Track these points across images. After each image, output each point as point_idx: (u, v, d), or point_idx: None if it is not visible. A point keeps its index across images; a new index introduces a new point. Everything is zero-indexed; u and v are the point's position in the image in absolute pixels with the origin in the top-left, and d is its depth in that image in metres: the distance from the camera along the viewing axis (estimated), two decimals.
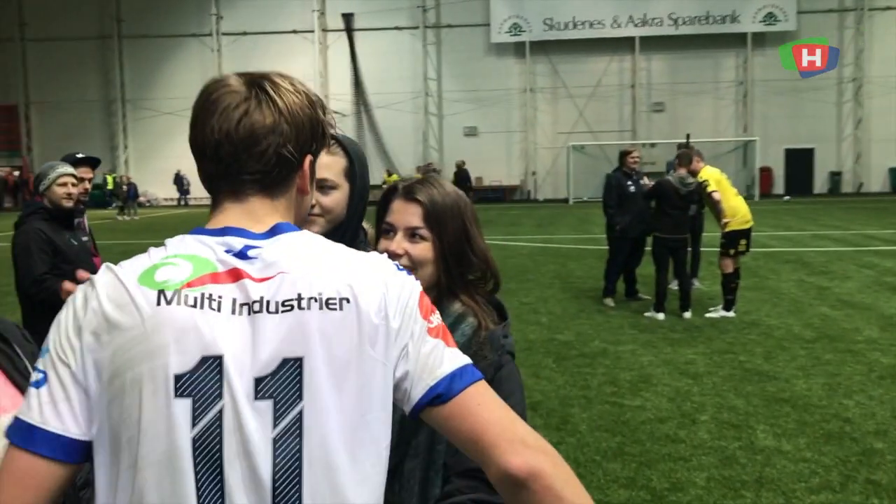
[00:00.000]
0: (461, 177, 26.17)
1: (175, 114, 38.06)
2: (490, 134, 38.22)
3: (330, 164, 1.97)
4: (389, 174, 32.28)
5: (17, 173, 38.99)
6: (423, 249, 1.75)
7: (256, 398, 1.13)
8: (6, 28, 39.89)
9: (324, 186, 1.96)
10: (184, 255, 1.20)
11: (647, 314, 9.55)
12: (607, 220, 10.48)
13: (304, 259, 1.21)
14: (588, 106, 37.53)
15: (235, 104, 1.25)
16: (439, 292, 1.80)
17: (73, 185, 4.78)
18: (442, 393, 1.21)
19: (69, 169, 4.80)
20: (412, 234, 1.78)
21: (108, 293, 1.16)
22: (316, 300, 1.17)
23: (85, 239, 4.94)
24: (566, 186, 36.03)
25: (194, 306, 1.14)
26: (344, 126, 27.84)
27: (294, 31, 38.97)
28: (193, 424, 1.11)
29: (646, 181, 10.16)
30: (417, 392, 1.22)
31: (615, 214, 10.24)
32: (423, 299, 1.29)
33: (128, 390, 1.12)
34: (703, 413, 5.98)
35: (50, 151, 40.72)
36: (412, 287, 1.28)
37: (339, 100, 38.69)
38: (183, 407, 1.11)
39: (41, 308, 4.50)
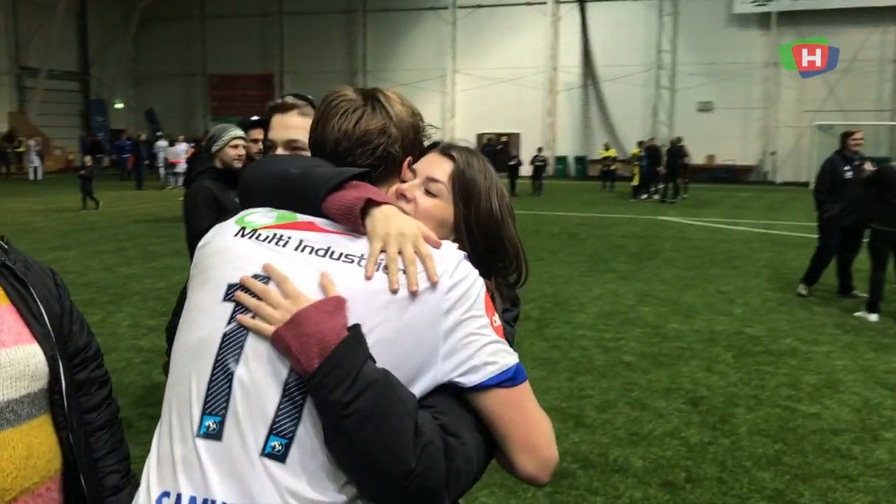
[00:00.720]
0: (673, 153, 24.93)
1: (410, 85, 39.66)
2: (726, 110, 36.08)
3: (302, 126, 2.10)
4: (607, 148, 31.46)
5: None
6: (433, 206, 1.59)
7: None
8: (267, 3, 43.50)
9: (295, 147, 2.11)
10: (271, 210, 1.44)
11: (857, 313, 8.63)
12: (816, 206, 9.64)
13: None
14: (840, 82, 34.19)
15: (353, 108, 1.53)
16: None
17: (244, 146, 5.12)
18: (507, 379, 1.36)
19: (239, 132, 5.14)
20: (430, 185, 1.66)
21: (219, 224, 1.47)
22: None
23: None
24: (808, 169, 33.21)
25: (262, 241, 1.37)
26: (571, 99, 27.79)
27: (528, 3, 38.97)
28: (228, 323, 1.31)
29: (868, 166, 9.10)
30: (486, 371, 1.37)
31: (825, 200, 9.36)
32: (487, 296, 1.39)
33: (199, 285, 1.39)
34: (889, 430, 5.31)
35: None
36: (476, 281, 1.39)
37: (567, 72, 38.31)
38: (226, 308, 1.32)
39: None
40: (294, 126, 2.23)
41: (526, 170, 28.87)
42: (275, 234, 1.38)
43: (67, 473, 1.75)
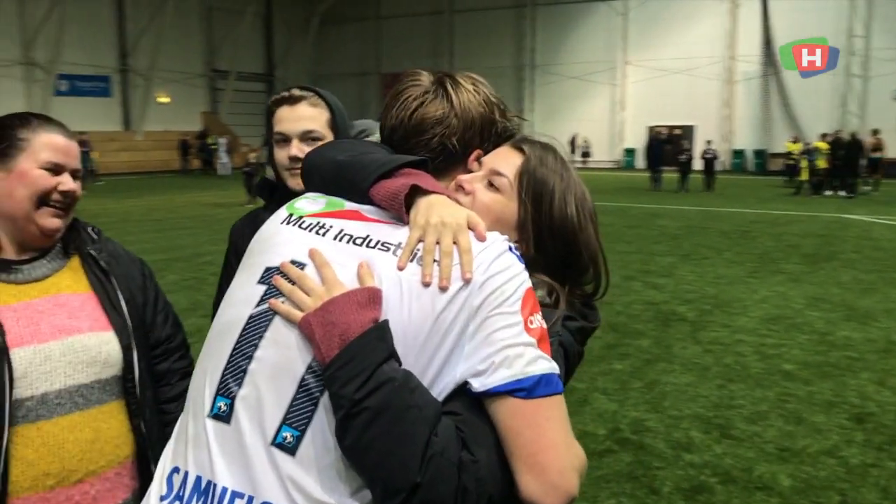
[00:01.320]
0: (851, 145, 22.96)
1: (580, 78, 39.15)
2: None
3: (315, 116, 2.10)
4: (795, 141, 29.48)
5: None
6: (492, 200, 1.44)
7: None
8: (439, 1, 44.34)
9: (311, 138, 2.08)
10: (325, 197, 1.40)
11: None
12: None
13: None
14: None
15: (415, 96, 1.46)
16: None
17: None
18: (517, 389, 1.20)
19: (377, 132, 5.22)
20: (494, 179, 1.49)
21: (272, 218, 1.44)
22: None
23: None
24: None
25: (305, 229, 1.34)
26: (749, 89, 26.29)
27: None
28: (257, 305, 1.28)
29: None
30: (500, 375, 1.22)
31: None
32: (528, 296, 1.27)
33: (242, 268, 1.39)
34: None
35: None
36: (516, 276, 1.27)
37: (745, 61, 36.35)
38: (258, 290, 1.30)
39: None
40: (307, 116, 2.13)
41: (698, 164, 27.68)
42: (318, 223, 1.34)
43: (141, 460, 1.82)
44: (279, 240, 1.35)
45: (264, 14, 45.25)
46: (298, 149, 2.11)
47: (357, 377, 1.13)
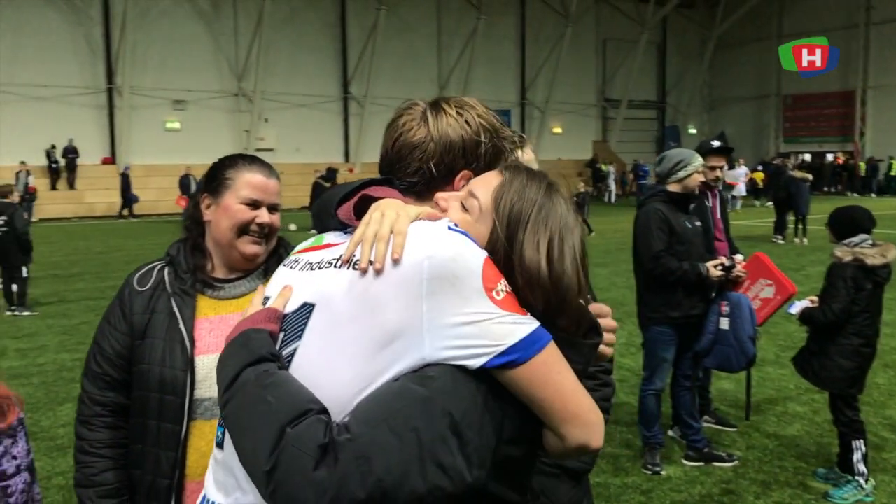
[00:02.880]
0: None
1: None
2: None
3: (529, 159, 2.26)
4: None
5: (841, 158, 39.41)
6: (461, 220, 1.36)
7: (280, 329, 1.39)
8: (852, 14, 40.37)
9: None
10: (319, 235, 1.51)
11: None
12: None
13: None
14: None
15: (403, 123, 1.52)
16: None
17: (702, 174, 5.04)
18: (513, 358, 1.22)
19: (701, 161, 5.04)
20: (466, 200, 1.41)
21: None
22: (348, 262, 1.31)
23: (698, 224, 5.11)
24: None
25: (286, 266, 1.47)
26: None
27: None
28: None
29: None
30: (481, 355, 1.22)
31: None
32: (486, 268, 1.24)
33: None
34: None
35: (881, 136, 39.92)
36: (467, 257, 1.25)
37: None
38: (277, 338, 1.37)
39: (655, 283, 4.95)
40: (525, 160, 2.31)
41: None
42: (295, 259, 1.46)
43: None
44: (274, 283, 1.47)
45: (658, 42, 45.31)
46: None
47: (222, 383, 1.29)
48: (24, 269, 10.83)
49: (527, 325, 1.23)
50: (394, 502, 1.13)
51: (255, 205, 2.08)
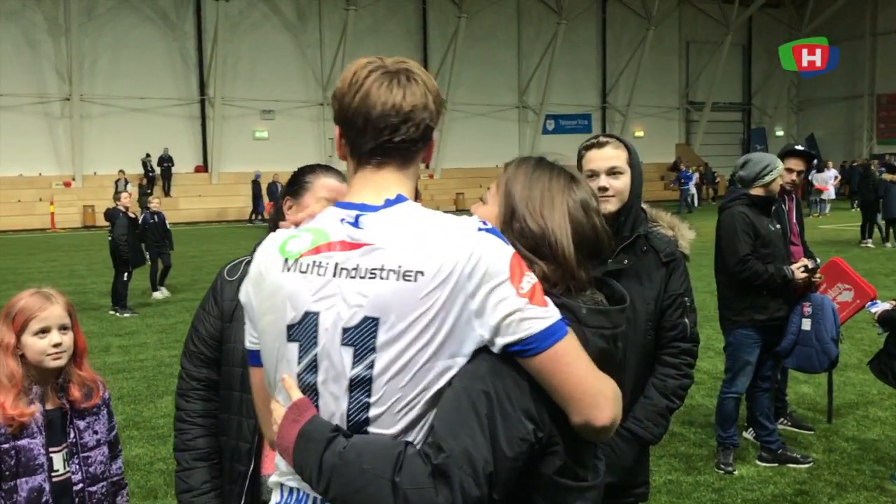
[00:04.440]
0: None
1: None
2: None
3: (617, 155, 2.61)
4: None
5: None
6: (482, 211, 1.66)
7: (343, 343, 1.44)
8: None
9: (616, 172, 2.57)
10: (309, 229, 1.53)
11: None
12: None
13: (398, 233, 1.45)
14: None
15: (392, 80, 1.58)
16: None
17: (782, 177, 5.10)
18: (525, 350, 1.40)
19: (783, 165, 5.09)
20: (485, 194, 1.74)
21: (262, 258, 1.57)
22: (395, 272, 1.41)
23: (777, 227, 5.15)
24: None
25: (305, 272, 1.48)
26: None
27: None
28: (299, 361, 1.48)
29: None
30: (506, 344, 1.41)
31: None
32: (514, 264, 1.42)
33: (266, 331, 1.54)
34: None
35: None
36: (496, 254, 1.42)
37: None
38: (293, 348, 1.48)
39: (740, 286, 5.00)
40: (612, 157, 2.65)
41: None
42: (313, 261, 1.48)
43: None
44: (286, 292, 1.48)
45: (744, 43, 44.33)
46: (606, 181, 2.66)
47: (311, 479, 1.40)
48: (125, 274, 11.51)
49: (544, 319, 1.41)
50: (498, 476, 1.36)
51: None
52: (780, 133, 45.22)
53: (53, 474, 2.45)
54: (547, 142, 37.86)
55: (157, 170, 29.57)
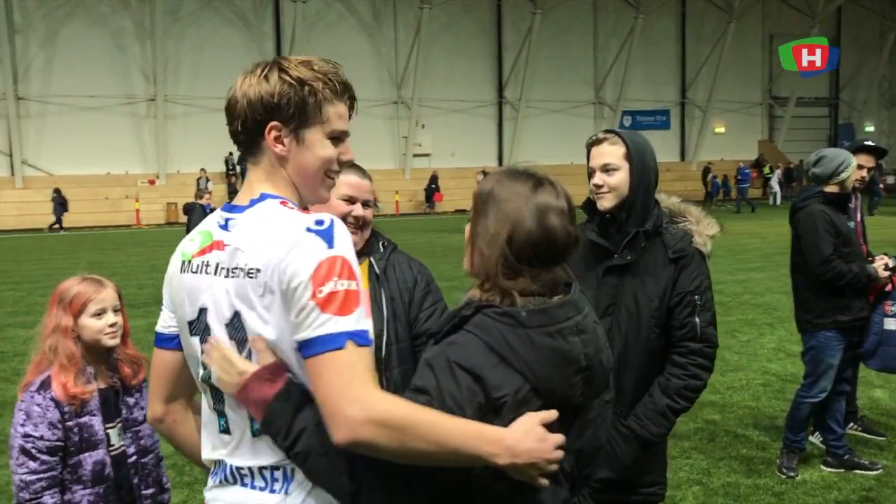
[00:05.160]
0: None
1: None
2: None
3: (612, 152, 2.60)
4: None
5: None
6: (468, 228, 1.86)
7: (229, 337, 1.61)
8: None
9: (609, 169, 2.60)
10: (201, 231, 1.70)
11: None
12: None
13: (249, 233, 1.60)
14: None
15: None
16: None
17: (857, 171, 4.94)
18: (300, 349, 1.52)
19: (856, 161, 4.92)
20: None
21: (172, 259, 1.76)
22: (243, 270, 1.58)
23: (851, 224, 4.98)
24: None
25: (196, 272, 1.66)
26: None
27: None
28: (201, 352, 1.67)
29: None
30: (294, 339, 1.53)
31: None
32: (320, 268, 1.50)
33: (180, 327, 1.73)
34: None
35: None
36: (308, 255, 1.52)
37: None
38: (195, 342, 1.68)
39: (822, 287, 4.81)
40: (606, 153, 2.66)
41: None
42: (202, 262, 1.65)
43: None
44: (185, 292, 1.67)
45: (832, 35, 42.77)
46: (600, 178, 2.67)
47: (279, 434, 1.54)
48: None
49: (322, 327, 1.48)
50: None
51: (351, 200, 2.45)
52: (869, 128, 43.43)
53: (110, 448, 2.61)
54: None
55: (239, 168, 30.41)
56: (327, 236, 1.53)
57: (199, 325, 1.65)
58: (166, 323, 1.78)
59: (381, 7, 33.66)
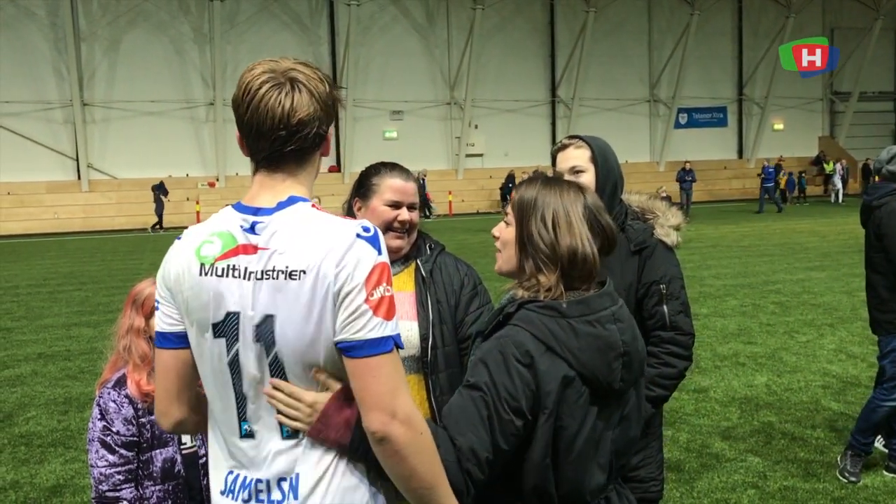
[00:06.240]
0: None
1: None
2: None
3: (578, 155, 2.71)
4: None
5: None
6: (504, 232, 1.93)
7: (254, 340, 1.61)
8: None
9: (577, 171, 2.66)
10: (219, 233, 1.66)
11: None
12: None
13: (287, 236, 1.60)
14: None
15: (279, 94, 1.69)
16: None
17: None
18: (349, 349, 1.57)
19: None
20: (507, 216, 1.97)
21: (180, 259, 1.69)
22: (283, 272, 1.58)
23: None
24: None
25: (221, 276, 1.63)
26: None
27: None
28: (227, 354, 1.65)
29: None
30: (338, 340, 1.57)
31: None
32: (373, 273, 1.57)
33: (194, 328, 1.69)
34: None
35: None
36: (362, 261, 1.57)
37: None
38: (221, 343, 1.65)
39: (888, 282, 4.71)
40: (572, 157, 2.75)
41: None
42: (228, 266, 1.62)
43: None
44: (208, 294, 1.63)
45: (894, 28, 41.46)
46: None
47: (364, 456, 1.61)
48: None
49: (373, 330, 1.55)
50: (495, 461, 1.71)
51: (396, 205, 2.45)
52: None
53: (182, 447, 2.67)
54: (679, 136, 36.81)
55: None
56: (376, 243, 1.60)
57: (225, 328, 1.64)
58: (171, 322, 1.74)
59: (434, 8, 33.78)
